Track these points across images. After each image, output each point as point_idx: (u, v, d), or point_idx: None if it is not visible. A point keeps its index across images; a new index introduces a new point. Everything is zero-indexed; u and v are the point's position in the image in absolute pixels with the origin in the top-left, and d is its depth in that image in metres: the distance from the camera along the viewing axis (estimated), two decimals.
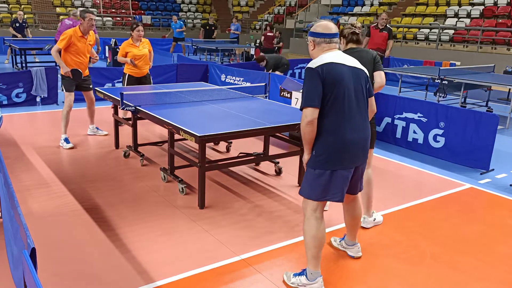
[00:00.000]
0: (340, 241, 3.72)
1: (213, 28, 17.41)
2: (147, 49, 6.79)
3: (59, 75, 8.65)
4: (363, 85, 3.06)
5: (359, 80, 3.03)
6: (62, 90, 6.17)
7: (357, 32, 3.68)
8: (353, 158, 3.03)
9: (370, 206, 4.06)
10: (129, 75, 6.82)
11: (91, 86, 6.37)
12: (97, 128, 6.76)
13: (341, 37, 3.73)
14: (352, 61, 3.05)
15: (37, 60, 13.69)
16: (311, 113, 2.86)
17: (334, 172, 2.97)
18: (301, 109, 2.92)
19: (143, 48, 6.74)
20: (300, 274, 3.15)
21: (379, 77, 3.69)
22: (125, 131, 6.74)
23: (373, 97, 3.25)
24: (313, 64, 2.93)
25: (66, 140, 6.07)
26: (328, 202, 4.26)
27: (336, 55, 2.99)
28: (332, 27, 3.04)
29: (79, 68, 6.09)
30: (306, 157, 3.06)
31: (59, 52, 5.98)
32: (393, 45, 10.72)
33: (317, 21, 3.11)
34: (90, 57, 6.35)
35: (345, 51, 3.57)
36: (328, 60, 2.93)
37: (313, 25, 3.10)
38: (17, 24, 13.95)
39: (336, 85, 2.88)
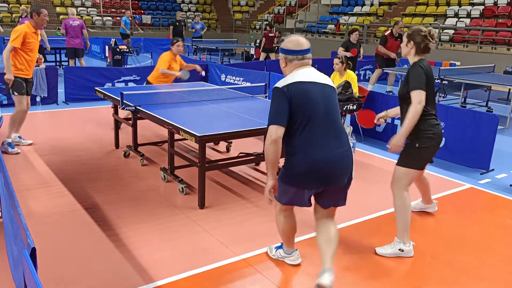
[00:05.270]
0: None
1: (182, 23, 16.81)
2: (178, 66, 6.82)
3: (58, 75, 8.71)
4: (335, 101, 2.94)
5: (331, 97, 2.91)
6: (12, 93, 5.63)
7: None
8: (327, 178, 2.88)
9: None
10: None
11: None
12: (20, 137, 6.03)
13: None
14: (323, 79, 2.96)
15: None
16: (275, 131, 2.76)
17: (300, 190, 2.94)
18: (266, 128, 2.85)
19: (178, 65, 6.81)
20: (279, 247, 3.49)
21: None
22: (125, 131, 6.74)
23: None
24: (279, 83, 2.86)
25: (10, 145, 5.70)
26: None
27: (307, 73, 2.90)
28: (303, 43, 2.92)
29: (29, 67, 5.62)
30: (270, 183, 2.88)
31: (11, 51, 5.39)
32: None
33: (288, 37, 2.98)
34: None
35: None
36: (297, 79, 2.84)
37: (283, 41, 2.98)
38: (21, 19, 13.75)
39: (304, 104, 2.79)
